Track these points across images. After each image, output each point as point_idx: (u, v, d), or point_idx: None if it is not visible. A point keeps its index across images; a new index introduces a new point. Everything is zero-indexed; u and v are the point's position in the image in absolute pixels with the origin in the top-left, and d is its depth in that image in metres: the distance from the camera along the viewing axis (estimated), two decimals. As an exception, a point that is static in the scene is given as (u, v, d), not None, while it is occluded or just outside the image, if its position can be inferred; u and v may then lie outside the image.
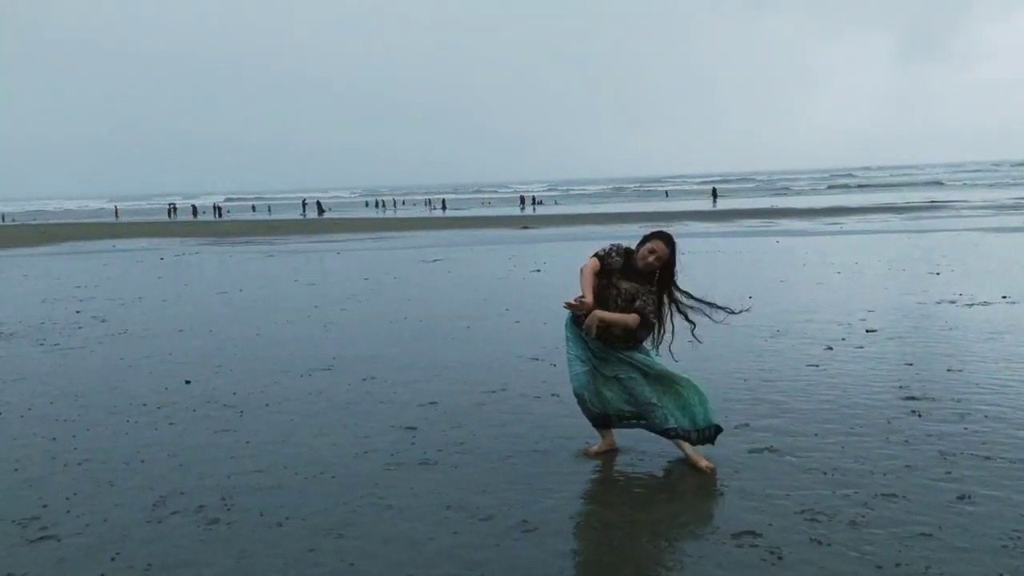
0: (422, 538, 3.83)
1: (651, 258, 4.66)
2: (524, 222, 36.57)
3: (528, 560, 3.58)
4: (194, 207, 68.94)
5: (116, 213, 69.59)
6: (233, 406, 6.28)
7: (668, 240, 4.71)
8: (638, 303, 4.65)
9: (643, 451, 4.91)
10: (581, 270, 4.75)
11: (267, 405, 6.29)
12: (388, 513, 4.15)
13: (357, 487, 4.50)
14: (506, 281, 14.29)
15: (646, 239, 4.75)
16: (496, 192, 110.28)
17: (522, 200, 65.67)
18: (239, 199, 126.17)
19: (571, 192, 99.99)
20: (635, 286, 4.68)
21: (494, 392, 6.40)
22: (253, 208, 78.03)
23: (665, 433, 4.70)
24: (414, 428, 5.54)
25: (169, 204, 71.47)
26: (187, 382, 7.11)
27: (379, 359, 7.83)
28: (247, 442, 5.38)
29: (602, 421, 4.84)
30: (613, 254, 4.78)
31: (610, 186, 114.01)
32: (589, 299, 4.61)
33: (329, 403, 6.29)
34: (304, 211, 63.08)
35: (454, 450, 5.07)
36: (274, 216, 59.03)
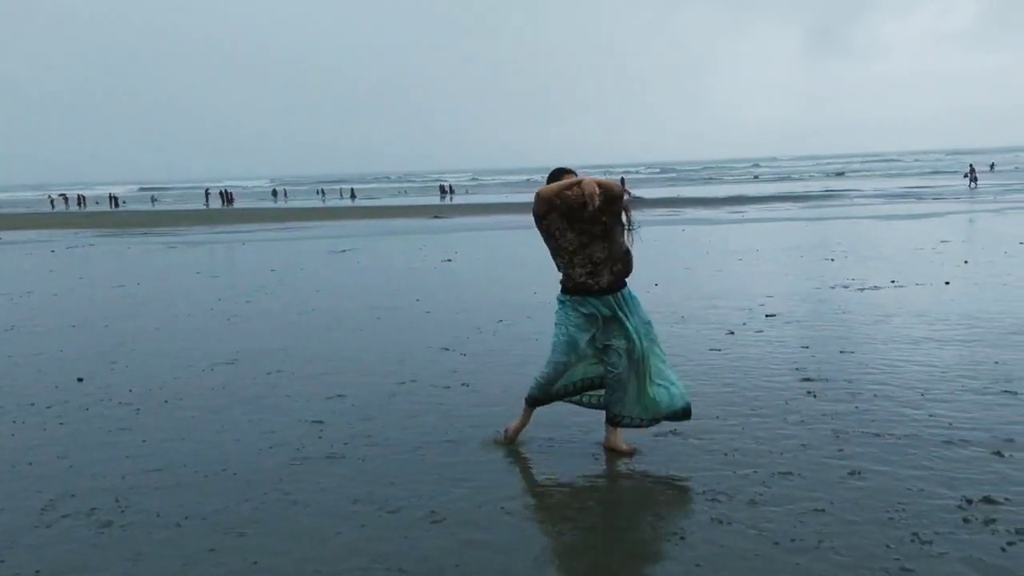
0: (328, 533, 3.76)
1: (589, 191, 4.27)
2: (436, 211, 36.36)
3: (437, 551, 3.56)
4: (81, 197, 65.59)
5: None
6: (129, 403, 6.03)
7: (569, 170, 4.60)
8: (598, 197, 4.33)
9: (551, 438, 4.95)
10: (539, 192, 4.48)
11: (166, 402, 6.06)
12: (293, 509, 4.05)
13: (261, 483, 4.38)
14: (417, 271, 14.19)
15: (557, 177, 4.54)
16: (412, 182, 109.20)
17: (442, 189, 65.24)
18: (154, 188, 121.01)
19: (490, 182, 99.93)
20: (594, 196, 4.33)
21: (404, 383, 6.34)
22: (152, 200, 74.91)
23: (612, 418, 4.66)
24: (321, 422, 5.43)
25: (57, 195, 67.73)
26: (79, 380, 6.78)
27: (285, 352, 7.65)
28: (144, 441, 5.17)
29: (548, 399, 4.80)
30: (552, 217, 4.51)
31: (523, 177, 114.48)
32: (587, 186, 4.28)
33: (232, 398, 6.11)
34: (207, 201, 61.07)
35: (362, 443, 4.99)
36: (175, 206, 56.93)
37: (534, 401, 4.82)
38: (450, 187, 66.58)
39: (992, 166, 66.32)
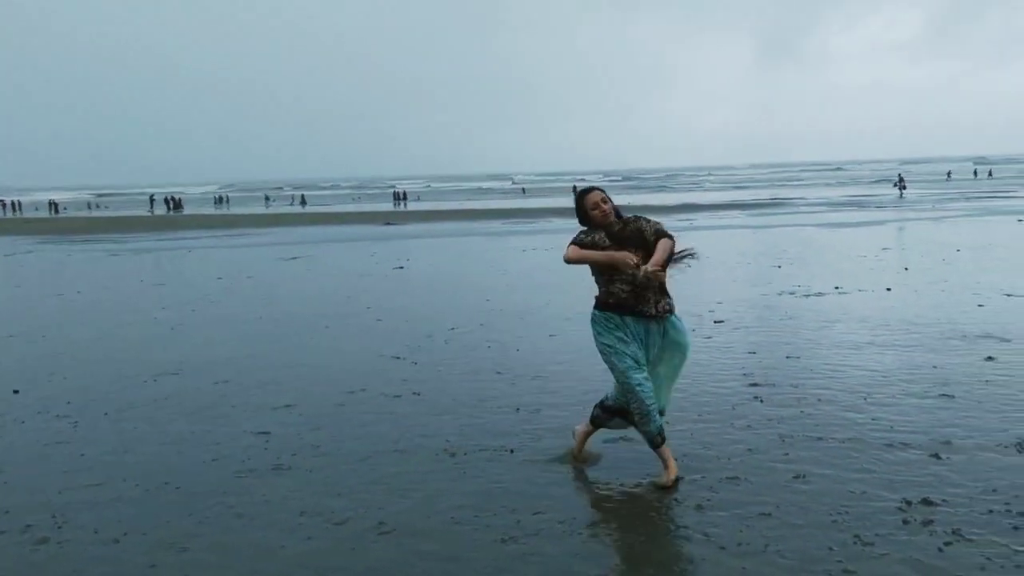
0: (273, 546, 3.69)
1: (606, 207, 4.29)
2: (388, 218, 36.14)
3: (385, 562, 3.52)
4: (15, 203, 63.51)
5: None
6: (68, 416, 5.85)
7: (599, 189, 4.46)
8: (648, 230, 4.26)
9: (501, 446, 4.93)
10: (568, 258, 4.31)
11: (106, 414, 5.89)
12: (237, 522, 3.97)
13: (204, 497, 4.29)
14: (368, 278, 14.07)
15: (581, 200, 4.42)
16: (366, 188, 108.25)
17: (395, 196, 64.80)
18: (110, 192, 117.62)
19: (445, 189, 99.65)
20: (630, 228, 4.31)
21: (353, 393, 6.27)
22: (94, 205, 73.02)
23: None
24: (268, 433, 5.34)
25: None
26: (15, 392, 6.57)
27: (232, 362, 7.51)
28: (82, 454, 5.02)
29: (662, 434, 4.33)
30: (594, 235, 4.34)
31: (474, 184, 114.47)
32: (618, 255, 4.17)
33: (176, 409, 5.97)
34: (152, 207, 59.78)
35: (310, 453, 4.92)
36: (119, 212, 55.62)
37: (658, 441, 4.30)
38: (403, 193, 66.20)
39: (949, 174, 69.27)
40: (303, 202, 61.99)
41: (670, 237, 4.26)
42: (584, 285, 4.74)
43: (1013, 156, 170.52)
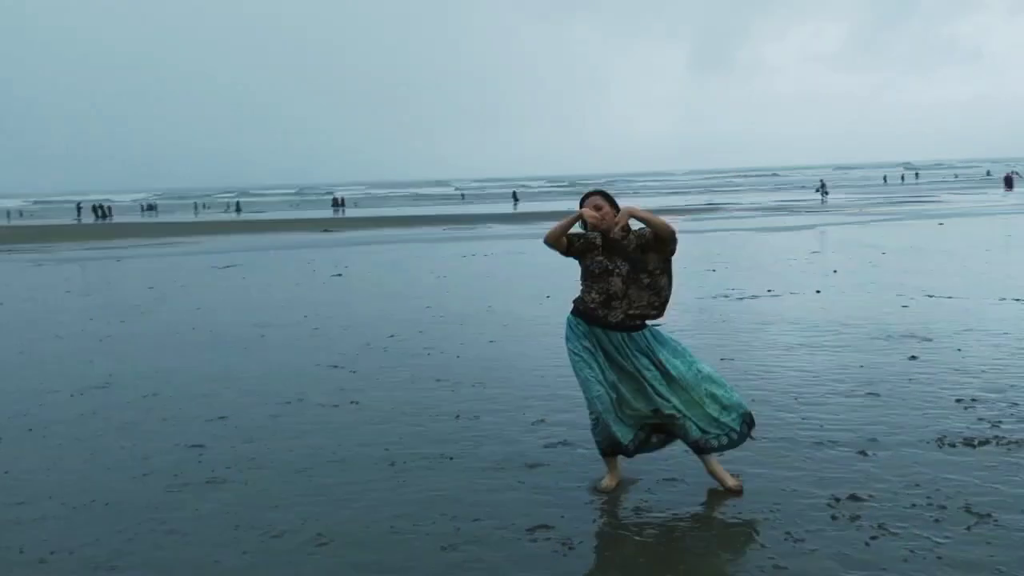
0: (207, 562, 3.61)
1: (597, 213, 4.20)
2: (326, 225, 35.70)
3: (322, 574, 3.48)
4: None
5: None
6: (-11, 433, 5.63)
7: (603, 193, 4.34)
8: (646, 235, 4.20)
9: (441, 454, 4.92)
10: (545, 239, 4.28)
11: (31, 430, 5.69)
12: (169, 539, 3.87)
13: (134, 513, 4.17)
14: (305, 286, 13.88)
15: (581, 203, 4.32)
16: (302, 196, 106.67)
17: (335, 202, 64.01)
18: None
19: (385, 195, 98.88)
20: (630, 238, 4.24)
21: (290, 403, 6.17)
22: (16, 214, 70.39)
23: (694, 446, 4.22)
24: (201, 446, 5.22)
25: None
26: (-68, 409, 6.28)
27: (163, 374, 7.33)
28: (6, 472, 4.84)
29: (617, 450, 4.27)
30: (594, 244, 4.27)
31: (411, 191, 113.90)
32: (582, 211, 4.18)
33: (104, 424, 5.79)
34: (79, 215, 57.90)
35: (245, 466, 4.82)
36: (44, 221, 53.72)
37: (607, 451, 4.30)
38: (342, 200, 65.47)
39: (885, 178, 72.10)
40: (238, 209, 60.81)
41: (669, 229, 4.19)
42: (525, 291, 4.76)
43: (939, 161, 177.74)
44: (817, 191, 46.53)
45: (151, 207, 69.69)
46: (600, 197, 4.31)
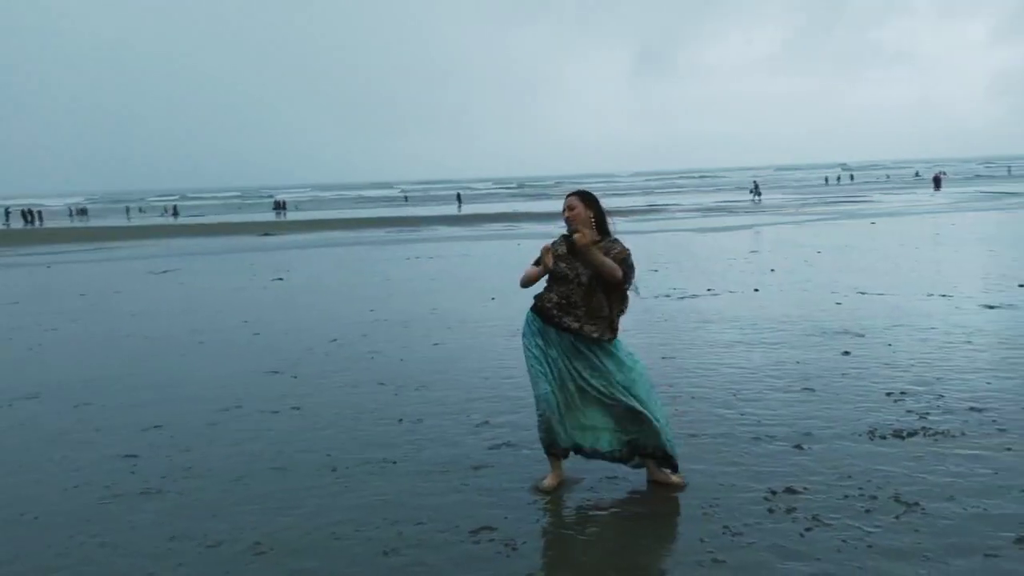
0: (141, 575, 3.52)
1: (567, 214, 4.22)
2: (266, 228, 35.13)
3: (261, 583, 3.42)
4: None
5: None
6: (-92, 448, 5.39)
7: (582, 194, 4.33)
8: (612, 253, 4.18)
9: (383, 458, 4.88)
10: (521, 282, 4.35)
11: (-46, 444, 5.47)
12: (102, 552, 3.76)
13: (65, 526, 4.04)
14: (244, 291, 13.63)
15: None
16: (243, 199, 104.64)
17: (277, 205, 62.98)
18: None
19: (328, 197, 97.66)
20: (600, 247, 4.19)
21: (228, 410, 6.05)
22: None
23: (640, 452, 4.24)
24: (135, 456, 5.08)
25: None
26: None
27: (95, 382, 7.12)
28: (-74, 489, 4.64)
29: (555, 449, 4.28)
30: (558, 247, 4.27)
31: (355, 193, 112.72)
32: (544, 255, 4.20)
33: (34, 435, 5.61)
34: (7, 220, 55.89)
35: (181, 476, 4.71)
36: (-30, 227, 51.74)
37: (548, 448, 4.31)
38: (283, 203, 64.48)
39: (827, 180, 74.14)
40: (175, 213, 59.43)
41: (625, 270, 4.17)
42: (469, 293, 4.75)
43: (874, 162, 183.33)
44: (751, 192, 47.51)
45: (82, 211, 67.52)
46: (576, 198, 4.32)
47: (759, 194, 46.42)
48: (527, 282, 4.35)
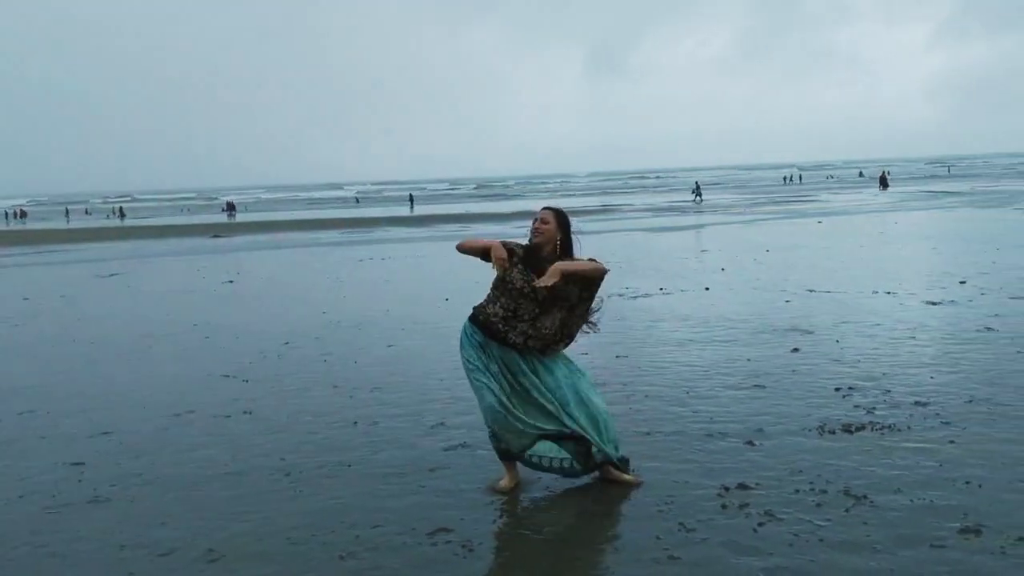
0: (90, 585, 3.44)
1: (538, 226, 4.20)
2: (216, 230, 34.54)
3: (215, 591, 3.37)
4: None
5: None
6: None
7: (559, 213, 4.31)
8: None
9: (339, 461, 4.84)
10: (458, 245, 4.25)
11: None
12: (49, 562, 3.67)
13: (10, 537, 3.93)
14: (194, 294, 13.40)
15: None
16: (192, 201, 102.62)
17: (227, 206, 61.94)
18: None
19: (272, 200, 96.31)
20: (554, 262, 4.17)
21: (179, 415, 5.94)
22: None
23: (589, 460, 4.22)
24: (82, 463, 4.96)
25: None
26: None
27: (40, 389, 6.93)
28: None
29: (511, 456, 4.26)
30: (515, 251, 4.23)
31: (307, 194, 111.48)
32: (495, 246, 4.11)
33: (-26, 445, 5.43)
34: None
35: (131, 483, 4.62)
36: (-96, 229, 49.90)
37: (503, 456, 4.29)
38: (234, 204, 63.46)
39: (785, 179, 75.64)
40: (122, 215, 58.10)
41: (601, 269, 4.24)
42: (423, 294, 4.73)
43: (822, 163, 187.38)
44: (692, 192, 47.96)
45: (22, 214, 65.45)
46: (552, 214, 4.30)
47: (700, 195, 46.74)
48: (467, 249, 4.23)
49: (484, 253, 4.18)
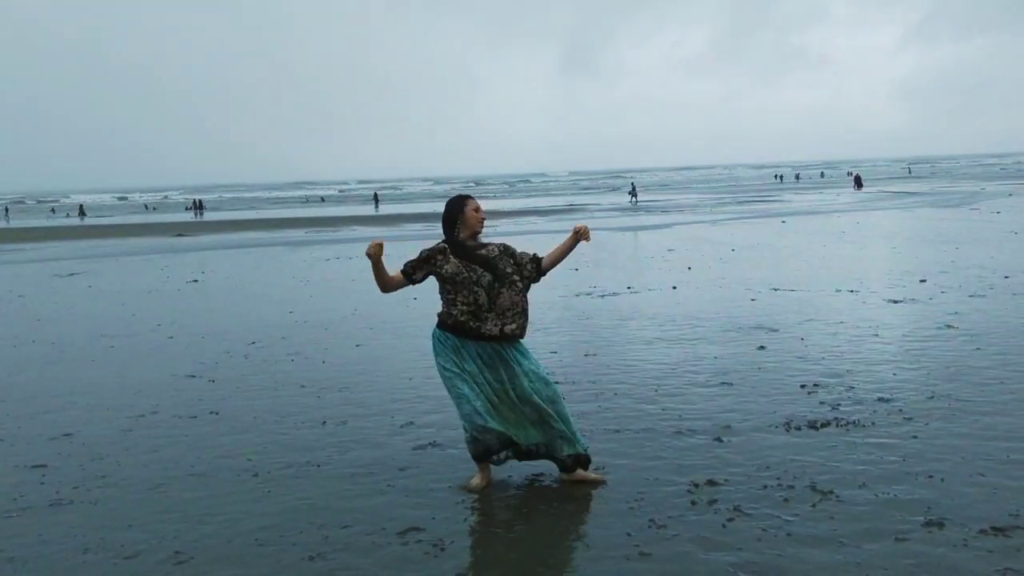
0: (53, 590, 3.37)
1: (481, 215, 4.32)
2: (179, 229, 34.04)
3: (182, 594, 3.32)
4: None
5: None
6: None
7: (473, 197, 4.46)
8: (518, 254, 4.39)
9: (307, 462, 4.79)
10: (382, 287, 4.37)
11: None
12: (10, 567, 3.58)
13: (-33, 543, 3.83)
14: (158, 294, 13.19)
15: (460, 206, 4.33)
16: (155, 199, 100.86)
17: (194, 205, 60.99)
18: None
19: (236, 199, 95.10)
20: (494, 248, 4.31)
21: (143, 416, 5.85)
22: None
23: (561, 460, 4.27)
24: (43, 466, 4.86)
25: None
26: None
27: (-2, 390, 6.77)
28: None
29: (490, 456, 4.25)
30: (436, 256, 4.28)
31: (271, 194, 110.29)
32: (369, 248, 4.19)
33: (-70, 448, 5.29)
34: None
35: (94, 485, 4.53)
36: None
37: (479, 459, 4.28)
38: (200, 203, 62.54)
39: (777, 177, 76.72)
40: (82, 213, 56.97)
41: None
42: (389, 295, 4.71)
43: (799, 163, 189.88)
44: (629, 193, 48.12)
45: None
46: (471, 199, 4.44)
47: (636, 196, 46.88)
48: (384, 283, 4.34)
49: (386, 278, 4.33)
